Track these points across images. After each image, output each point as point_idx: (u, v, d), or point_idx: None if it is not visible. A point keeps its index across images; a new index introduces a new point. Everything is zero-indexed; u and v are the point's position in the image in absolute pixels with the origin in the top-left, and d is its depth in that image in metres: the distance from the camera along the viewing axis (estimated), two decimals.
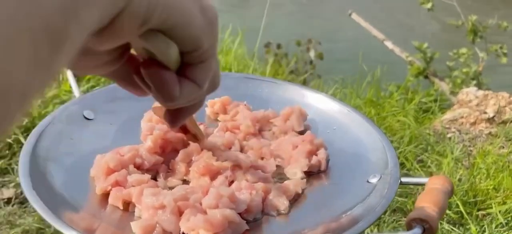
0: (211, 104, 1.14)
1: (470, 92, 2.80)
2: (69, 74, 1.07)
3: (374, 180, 0.94)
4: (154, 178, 0.88)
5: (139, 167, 0.87)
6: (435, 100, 5.13)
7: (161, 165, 0.91)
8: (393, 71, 6.53)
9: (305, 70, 4.82)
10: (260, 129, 1.09)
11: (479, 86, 5.52)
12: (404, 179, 0.93)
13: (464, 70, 5.54)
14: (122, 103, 1.02)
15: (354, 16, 6.29)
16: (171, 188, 0.85)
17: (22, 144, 1.81)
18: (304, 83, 4.91)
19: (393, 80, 5.69)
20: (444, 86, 5.68)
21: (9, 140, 1.80)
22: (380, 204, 0.84)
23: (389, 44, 5.99)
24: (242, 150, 1.01)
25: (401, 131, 2.27)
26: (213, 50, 0.42)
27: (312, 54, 4.69)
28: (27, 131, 1.85)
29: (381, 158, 0.99)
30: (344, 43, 7.25)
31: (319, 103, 1.14)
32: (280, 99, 1.16)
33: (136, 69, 0.43)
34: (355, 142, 1.04)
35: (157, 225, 0.74)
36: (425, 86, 5.57)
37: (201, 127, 0.99)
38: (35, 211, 0.70)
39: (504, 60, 5.60)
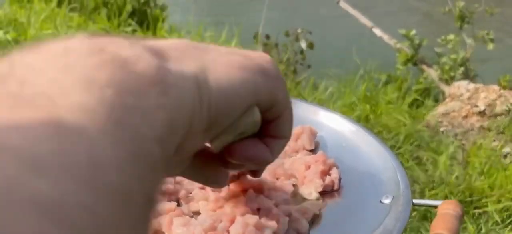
0: None
1: (461, 86, 2.85)
2: None
3: (387, 201, 0.97)
4: (177, 202, 0.91)
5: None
6: (426, 89, 5.21)
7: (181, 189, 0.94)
8: (382, 58, 6.58)
9: (295, 60, 4.84)
10: None
11: (467, 72, 5.61)
12: (416, 201, 0.96)
13: (452, 56, 5.62)
14: None
15: (342, 4, 6.32)
16: (194, 213, 0.87)
17: None
18: (295, 73, 4.94)
19: (383, 67, 5.75)
20: (432, 73, 5.76)
21: None
22: (396, 228, 0.88)
23: (377, 31, 6.04)
24: None
25: (396, 128, 2.32)
26: (288, 99, 0.41)
27: (303, 44, 4.70)
28: None
29: (392, 177, 1.02)
30: (333, 32, 7.29)
31: (329, 120, 1.17)
32: None
33: (209, 159, 0.41)
34: (365, 161, 1.08)
35: None
36: (415, 73, 5.64)
37: None
38: None
39: (490, 46, 5.68)
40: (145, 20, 4.02)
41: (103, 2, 3.95)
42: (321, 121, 1.18)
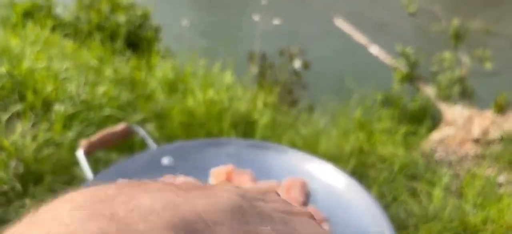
0: (216, 174, 1.16)
1: (456, 112, 2.86)
2: (81, 155, 1.08)
3: None
4: None
5: None
6: (422, 107, 5.21)
7: None
8: (377, 75, 6.61)
9: (291, 81, 4.85)
10: None
11: (464, 90, 5.63)
12: None
13: (448, 75, 5.64)
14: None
15: (338, 22, 6.37)
16: None
17: (19, 192, 1.80)
18: (290, 93, 4.94)
19: (378, 86, 5.77)
20: (429, 91, 5.77)
21: (5, 187, 1.80)
22: None
23: (373, 49, 6.07)
24: None
25: (391, 157, 2.32)
26: None
27: (297, 64, 4.72)
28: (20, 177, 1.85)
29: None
30: (328, 49, 7.32)
31: (321, 172, 1.17)
32: (282, 166, 1.19)
33: None
34: (356, 216, 1.08)
35: None
36: (411, 92, 5.66)
37: None
38: None
39: (488, 65, 5.71)
40: (139, 43, 4.03)
41: (97, 26, 3.95)
42: (313, 172, 1.18)
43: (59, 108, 2.08)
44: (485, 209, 1.99)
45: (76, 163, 1.96)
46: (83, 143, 1.11)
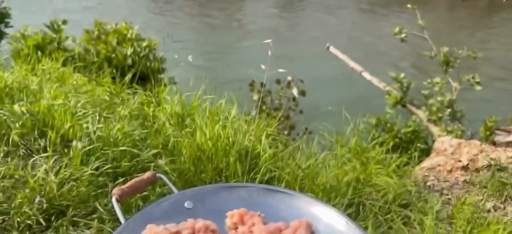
0: (231, 216, 1.33)
1: (445, 141, 3.04)
2: (114, 202, 1.24)
3: None
4: None
5: None
6: (414, 131, 5.38)
7: None
8: (371, 99, 6.81)
9: (288, 107, 5.05)
10: None
11: (454, 113, 5.82)
12: None
13: (439, 99, 5.84)
14: None
15: (332, 49, 6.58)
16: None
17: (43, 225, 1.95)
18: (288, 119, 5.12)
19: (372, 108, 5.95)
20: (421, 114, 5.97)
21: (30, 222, 1.95)
22: None
23: (366, 75, 6.28)
24: None
25: (385, 188, 2.49)
26: None
27: (295, 91, 4.92)
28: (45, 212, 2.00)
29: None
30: (324, 78, 7.56)
31: (324, 215, 1.33)
32: (290, 209, 1.35)
33: None
34: None
35: None
36: (404, 115, 5.84)
37: None
38: None
39: (478, 88, 5.92)
40: (145, 73, 4.21)
41: (106, 57, 4.13)
42: (317, 214, 1.35)
43: (77, 145, 2.24)
44: None
45: (95, 196, 2.12)
46: (116, 191, 1.27)
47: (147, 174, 1.35)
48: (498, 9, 15.25)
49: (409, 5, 5.94)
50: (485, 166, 2.85)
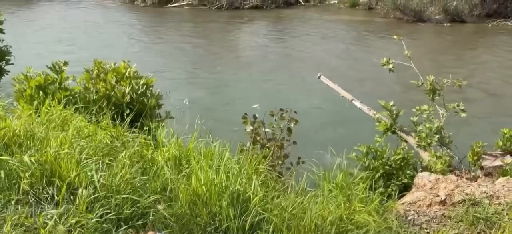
0: None
1: (424, 177, 3.25)
2: None
3: None
4: None
5: None
6: (403, 158, 5.60)
7: None
8: (361, 126, 7.04)
9: (282, 137, 5.25)
10: None
11: (442, 139, 6.04)
12: None
13: (428, 125, 6.06)
14: None
15: (323, 78, 6.81)
16: None
17: None
18: (281, 148, 5.33)
19: (362, 135, 6.17)
20: (411, 140, 6.18)
21: None
22: None
23: (357, 103, 6.50)
24: None
25: (367, 225, 2.69)
26: None
27: (288, 123, 5.11)
28: None
29: None
30: (316, 107, 7.82)
31: None
32: None
33: None
34: None
35: None
36: (394, 142, 6.05)
37: None
38: None
39: (463, 114, 6.15)
40: (143, 110, 4.41)
41: (105, 95, 4.35)
42: None
43: (83, 193, 2.44)
44: None
45: None
46: None
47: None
48: (483, 33, 15.66)
49: (395, 36, 6.18)
50: (460, 201, 3.06)
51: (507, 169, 4.34)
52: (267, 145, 5.05)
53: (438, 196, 3.13)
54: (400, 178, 4.91)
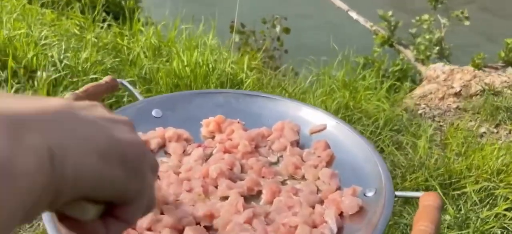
0: (206, 124, 1.16)
1: (437, 68, 2.90)
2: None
3: (370, 194, 0.99)
4: None
5: None
6: (402, 70, 5.26)
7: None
8: (358, 41, 6.63)
9: (273, 47, 4.86)
10: (256, 146, 1.13)
11: (442, 51, 5.69)
12: (398, 193, 0.99)
13: (427, 36, 5.69)
14: None
15: None
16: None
17: None
18: (272, 59, 4.95)
19: (360, 50, 5.78)
20: (409, 54, 5.83)
21: None
22: (380, 221, 0.90)
23: (353, 14, 6.08)
24: (242, 169, 1.05)
25: (376, 114, 2.35)
26: (142, 191, 0.41)
27: (278, 29, 4.72)
28: None
29: (374, 171, 1.04)
30: (309, 16, 7.33)
31: (311, 116, 1.18)
32: (273, 114, 1.19)
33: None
34: (348, 155, 1.10)
35: None
36: (391, 55, 5.70)
37: (200, 149, 1.05)
38: None
39: (466, 22, 5.78)
40: (120, 13, 3.96)
41: None
42: (304, 116, 1.19)
43: (42, 75, 2.05)
44: (469, 157, 2.04)
45: None
46: (68, 96, 1.10)
47: (106, 78, 1.18)
48: None
49: None
50: (478, 92, 2.73)
51: None
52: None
53: (452, 87, 2.78)
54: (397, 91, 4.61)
